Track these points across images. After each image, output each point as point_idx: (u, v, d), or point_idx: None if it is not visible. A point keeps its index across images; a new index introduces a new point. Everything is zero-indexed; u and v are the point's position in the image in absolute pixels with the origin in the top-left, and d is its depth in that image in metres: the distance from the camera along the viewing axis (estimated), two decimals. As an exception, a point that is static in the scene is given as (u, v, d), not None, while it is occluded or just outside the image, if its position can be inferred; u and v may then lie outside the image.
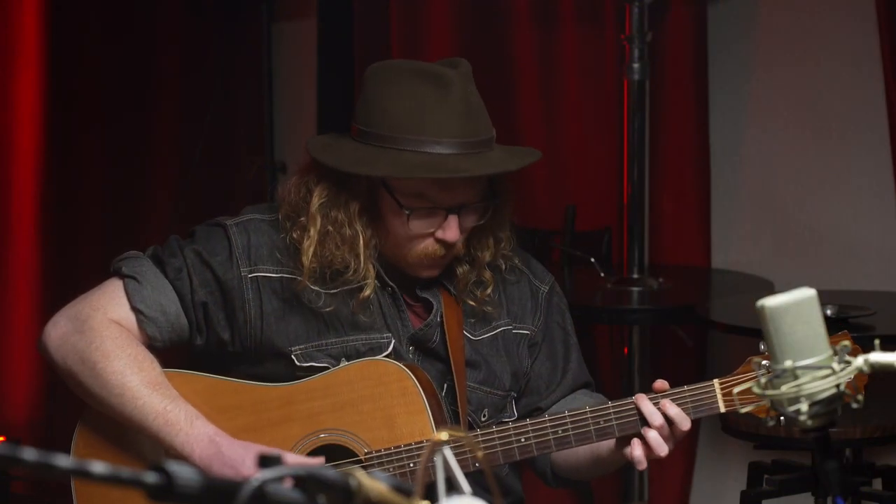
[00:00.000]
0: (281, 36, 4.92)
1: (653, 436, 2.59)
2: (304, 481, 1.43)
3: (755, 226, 4.49)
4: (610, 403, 2.63)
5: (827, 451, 1.86)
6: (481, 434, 2.63)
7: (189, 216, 4.01)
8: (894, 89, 4.11)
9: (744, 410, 2.56)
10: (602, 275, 4.22)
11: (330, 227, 2.66)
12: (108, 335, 2.67)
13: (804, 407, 1.78)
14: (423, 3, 4.65)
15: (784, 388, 1.79)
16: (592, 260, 4.26)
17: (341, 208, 2.67)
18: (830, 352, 1.80)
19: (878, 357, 1.80)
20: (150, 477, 1.33)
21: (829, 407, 1.79)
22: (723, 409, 2.61)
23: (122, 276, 2.72)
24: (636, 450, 2.61)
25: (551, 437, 2.62)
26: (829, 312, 3.44)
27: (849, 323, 3.50)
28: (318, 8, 4.87)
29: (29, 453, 1.31)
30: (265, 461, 1.42)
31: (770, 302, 1.80)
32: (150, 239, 2.84)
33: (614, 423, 2.61)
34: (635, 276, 4.23)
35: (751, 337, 3.34)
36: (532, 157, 2.74)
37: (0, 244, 4.44)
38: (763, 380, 1.82)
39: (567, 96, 4.53)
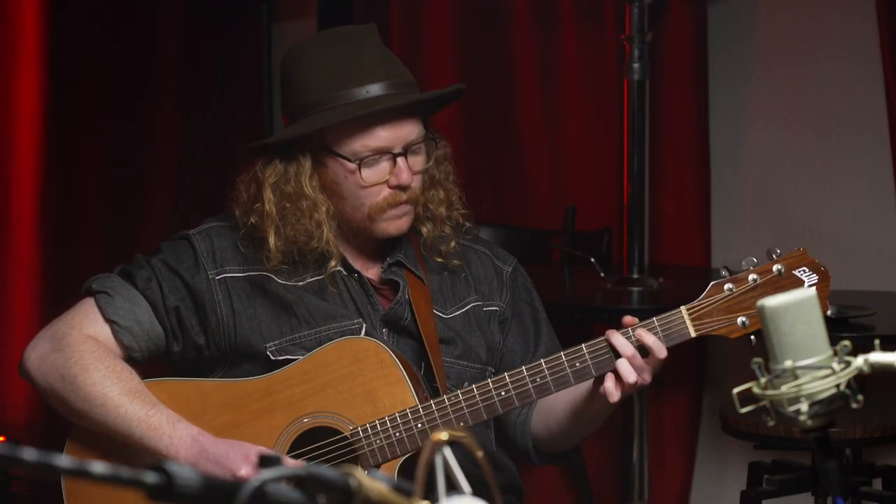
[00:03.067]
0: (281, 36, 4.92)
1: (623, 364, 2.62)
2: (304, 481, 1.43)
3: (755, 226, 4.49)
4: (583, 344, 2.65)
5: (827, 451, 1.86)
6: (462, 393, 2.66)
7: (189, 216, 4.01)
8: (894, 89, 4.11)
9: (708, 331, 2.62)
10: (602, 275, 4.22)
11: (287, 204, 2.72)
12: (85, 349, 2.72)
13: (804, 407, 1.78)
14: (423, 3, 4.65)
15: (784, 388, 1.79)
16: (592, 260, 4.26)
17: (291, 180, 2.73)
18: (830, 352, 1.80)
19: (878, 357, 1.80)
20: (150, 477, 1.33)
21: (829, 407, 1.79)
22: (693, 334, 2.66)
23: (94, 293, 2.77)
24: (607, 381, 2.64)
25: (530, 385, 2.65)
26: (829, 312, 3.44)
27: (849, 323, 3.50)
28: (318, 8, 4.87)
29: (29, 453, 1.31)
30: (265, 461, 1.42)
31: (770, 302, 1.80)
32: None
33: (589, 362, 2.64)
34: (635, 276, 4.22)
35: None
36: (459, 87, 2.80)
37: (0, 244, 4.44)
38: (763, 380, 1.82)
39: (567, 96, 4.53)
